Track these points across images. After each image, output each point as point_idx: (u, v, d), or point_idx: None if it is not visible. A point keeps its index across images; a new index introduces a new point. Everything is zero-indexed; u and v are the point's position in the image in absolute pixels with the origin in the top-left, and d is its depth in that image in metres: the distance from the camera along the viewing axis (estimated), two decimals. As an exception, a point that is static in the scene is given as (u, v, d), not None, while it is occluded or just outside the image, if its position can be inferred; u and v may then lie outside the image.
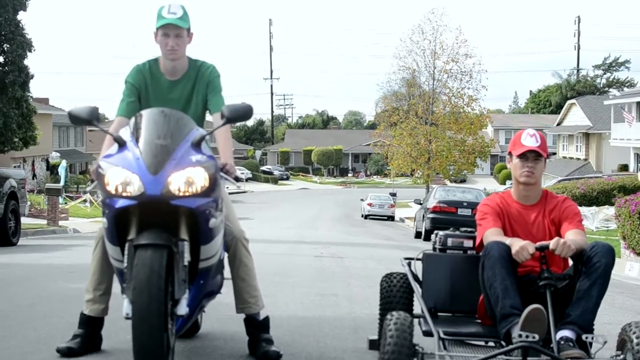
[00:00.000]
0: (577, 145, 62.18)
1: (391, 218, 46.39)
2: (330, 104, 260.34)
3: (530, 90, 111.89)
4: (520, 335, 3.91)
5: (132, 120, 4.46)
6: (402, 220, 45.15)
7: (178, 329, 4.43)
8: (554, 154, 74.58)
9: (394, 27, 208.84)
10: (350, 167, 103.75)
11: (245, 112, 4.58)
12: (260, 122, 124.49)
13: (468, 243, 5.02)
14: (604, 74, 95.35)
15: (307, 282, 9.82)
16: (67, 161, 52.32)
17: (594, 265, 4.36)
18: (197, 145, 4.27)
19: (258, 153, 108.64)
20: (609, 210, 24.84)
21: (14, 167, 42.33)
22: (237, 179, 4.67)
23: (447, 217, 24.00)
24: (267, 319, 5.15)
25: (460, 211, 24.97)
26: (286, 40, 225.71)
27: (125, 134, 4.36)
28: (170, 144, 4.17)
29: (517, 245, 4.34)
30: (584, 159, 59.75)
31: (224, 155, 4.67)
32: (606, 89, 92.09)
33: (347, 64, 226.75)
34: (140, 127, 4.30)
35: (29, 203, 22.45)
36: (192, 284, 4.44)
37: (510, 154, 4.82)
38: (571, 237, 4.53)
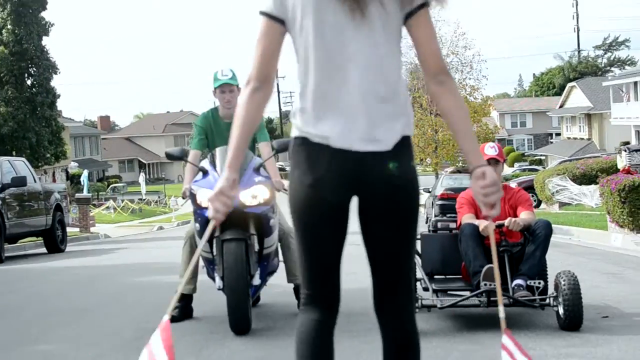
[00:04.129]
0: (579, 126, 63.87)
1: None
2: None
3: (534, 74, 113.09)
4: (485, 284, 5.84)
5: (210, 155, 6.42)
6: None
7: (252, 294, 6.37)
8: (559, 134, 76.26)
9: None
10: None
11: (288, 144, 6.52)
12: (269, 120, 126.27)
13: (452, 225, 6.94)
14: (605, 53, 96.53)
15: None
16: (87, 170, 54.22)
17: (537, 235, 6.29)
18: (257, 170, 6.22)
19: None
20: (605, 189, 26.45)
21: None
22: (285, 190, 6.60)
23: (454, 203, 25.62)
24: (310, 288, 7.08)
25: (466, 197, 26.67)
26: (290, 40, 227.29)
27: (206, 164, 6.32)
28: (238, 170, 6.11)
29: (483, 224, 6.29)
30: (587, 139, 61.43)
31: (274, 174, 6.56)
32: (608, 68, 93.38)
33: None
34: (215, 159, 6.25)
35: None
36: (259, 265, 6.35)
37: (477, 160, 6.74)
38: (523, 216, 6.45)
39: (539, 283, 6.09)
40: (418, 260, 6.87)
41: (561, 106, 69.70)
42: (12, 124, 32.42)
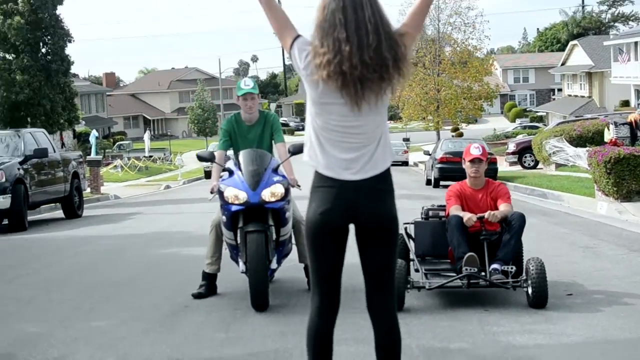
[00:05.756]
0: (580, 84, 64.67)
1: (405, 163, 49.04)
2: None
3: (538, 29, 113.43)
4: (466, 269, 6.95)
5: (234, 156, 7.49)
6: (415, 164, 47.85)
7: (270, 276, 7.49)
8: (560, 90, 77.06)
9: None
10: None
11: (302, 147, 7.56)
12: (273, 75, 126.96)
13: (442, 213, 8.02)
14: (609, 9, 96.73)
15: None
16: (96, 130, 54.98)
17: (512, 226, 7.38)
18: (275, 170, 7.30)
19: (273, 106, 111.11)
20: (599, 151, 27.32)
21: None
22: (298, 186, 7.64)
23: (453, 167, 26.13)
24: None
25: (465, 161, 27.64)
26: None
27: (231, 165, 7.40)
28: (259, 168, 7.19)
29: (466, 216, 7.38)
30: (587, 97, 62.27)
31: (289, 173, 7.63)
32: (611, 23, 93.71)
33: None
34: (239, 160, 7.33)
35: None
36: (276, 250, 7.45)
37: (464, 159, 7.80)
38: (502, 209, 7.53)
39: (512, 268, 7.18)
40: (411, 244, 7.97)
41: (563, 64, 70.42)
42: (28, 91, 33.70)
